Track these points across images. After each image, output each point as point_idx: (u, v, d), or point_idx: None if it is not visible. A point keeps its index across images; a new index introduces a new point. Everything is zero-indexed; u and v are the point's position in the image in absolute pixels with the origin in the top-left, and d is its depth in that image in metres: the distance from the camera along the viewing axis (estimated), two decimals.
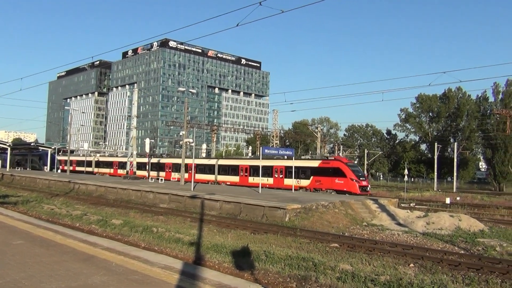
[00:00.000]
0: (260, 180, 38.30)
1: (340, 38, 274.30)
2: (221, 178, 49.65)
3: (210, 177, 50.79)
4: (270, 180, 44.22)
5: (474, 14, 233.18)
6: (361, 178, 38.02)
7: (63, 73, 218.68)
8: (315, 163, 41.72)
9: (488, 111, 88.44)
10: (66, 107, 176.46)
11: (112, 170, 66.34)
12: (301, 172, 41.57)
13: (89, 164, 72.80)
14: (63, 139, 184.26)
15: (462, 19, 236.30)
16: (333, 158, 43.61)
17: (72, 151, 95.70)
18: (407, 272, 12.87)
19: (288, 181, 41.75)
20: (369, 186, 40.60)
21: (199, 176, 50.28)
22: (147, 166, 56.54)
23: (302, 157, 57.22)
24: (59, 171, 72.88)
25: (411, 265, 14.10)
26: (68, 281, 7.28)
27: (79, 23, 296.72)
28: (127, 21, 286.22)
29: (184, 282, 7.27)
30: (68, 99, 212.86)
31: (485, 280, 12.13)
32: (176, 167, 52.29)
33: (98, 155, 79.17)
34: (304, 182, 40.99)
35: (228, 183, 47.75)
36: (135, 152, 50.39)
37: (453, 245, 17.93)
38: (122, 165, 60.54)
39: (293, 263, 13.36)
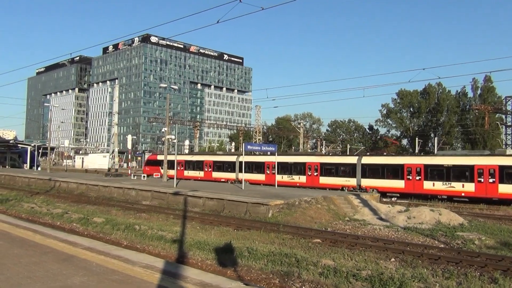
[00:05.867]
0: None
1: (321, 35, 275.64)
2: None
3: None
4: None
5: (452, 11, 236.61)
6: None
7: (42, 69, 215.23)
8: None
9: (467, 107, 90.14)
10: (45, 104, 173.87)
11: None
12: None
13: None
14: (43, 136, 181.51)
15: (441, 17, 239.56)
16: None
17: (52, 148, 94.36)
18: (388, 267, 13.01)
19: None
20: None
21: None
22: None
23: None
24: (39, 168, 71.77)
25: (392, 259, 14.25)
26: (47, 282, 7.17)
27: (58, 18, 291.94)
28: (107, 17, 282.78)
29: (165, 282, 7.23)
30: (48, 96, 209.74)
31: (464, 273, 12.32)
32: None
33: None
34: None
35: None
36: (116, 149, 49.89)
37: (433, 239, 18.17)
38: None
39: (276, 259, 13.39)
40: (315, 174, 39.88)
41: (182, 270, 8.17)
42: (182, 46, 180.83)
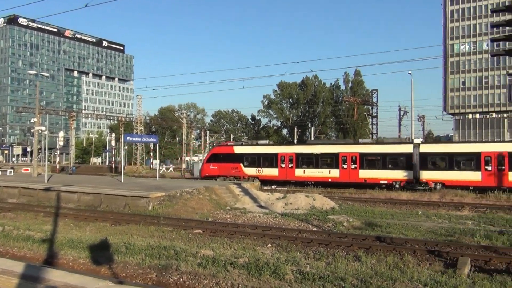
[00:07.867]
0: None
1: (200, 25, 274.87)
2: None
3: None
4: None
5: (323, 8, 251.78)
6: None
7: None
8: None
9: (340, 98, 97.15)
10: None
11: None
12: None
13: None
14: None
15: (313, 11, 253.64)
16: None
17: None
18: (265, 252, 13.48)
19: None
20: None
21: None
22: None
23: None
24: None
25: (269, 245, 14.80)
26: None
27: None
28: None
29: (23, 287, 6.63)
30: None
31: (333, 254, 13.25)
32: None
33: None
34: None
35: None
36: None
37: (307, 224, 19.29)
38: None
39: (154, 253, 13.11)
40: None
41: (46, 273, 7.57)
42: (55, 30, 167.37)
